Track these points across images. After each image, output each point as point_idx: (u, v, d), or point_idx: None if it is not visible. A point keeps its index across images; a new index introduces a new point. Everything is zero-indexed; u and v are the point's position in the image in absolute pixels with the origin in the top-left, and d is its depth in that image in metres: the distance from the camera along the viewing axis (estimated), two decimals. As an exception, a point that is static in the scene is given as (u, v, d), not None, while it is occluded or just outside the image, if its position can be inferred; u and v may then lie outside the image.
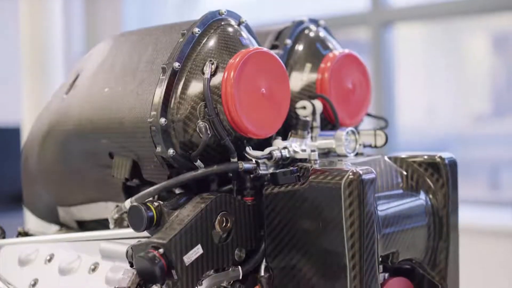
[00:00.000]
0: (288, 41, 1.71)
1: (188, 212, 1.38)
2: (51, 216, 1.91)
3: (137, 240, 1.39)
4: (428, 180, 1.59)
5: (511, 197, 3.88)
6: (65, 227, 1.91)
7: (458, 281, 1.65)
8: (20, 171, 1.95)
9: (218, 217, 1.39)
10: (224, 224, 1.40)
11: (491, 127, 4.20)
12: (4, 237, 1.85)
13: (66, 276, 1.59)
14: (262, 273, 1.46)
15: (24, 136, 2.22)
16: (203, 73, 1.44)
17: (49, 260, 1.67)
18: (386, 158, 1.58)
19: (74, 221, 1.83)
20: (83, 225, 1.83)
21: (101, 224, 1.72)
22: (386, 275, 1.54)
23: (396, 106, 4.19)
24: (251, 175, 1.46)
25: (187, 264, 1.34)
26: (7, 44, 4.42)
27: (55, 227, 1.96)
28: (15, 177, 2.08)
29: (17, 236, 1.92)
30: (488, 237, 3.56)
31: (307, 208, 1.39)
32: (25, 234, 1.93)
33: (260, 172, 1.46)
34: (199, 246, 1.36)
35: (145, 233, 1.42)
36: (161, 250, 1.32)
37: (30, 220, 2.57)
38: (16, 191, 2.19)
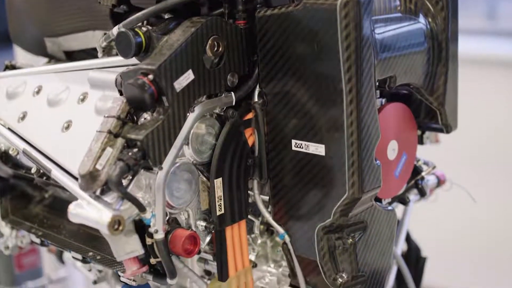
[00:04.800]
0: None
1: (177, 36, 1.32)
2: (39, 48, 1.86)
3: (126, 67, 1.34)
4: (427, 3, 1.53)
5: (508, 27, 3.82)
6: (53, 59, 1.86)
7: (457, 107, 1.62)
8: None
9: (209, 41, 1.34)
10: (215, 48, 1.35)
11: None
12: (-10, 72, 1.81)
13: (55, 108, 1.55)
14: (256, 99, 1.42)
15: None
16: None
17: (37, 92, 1.63)
18: (383, -21, 1.51)
19: (62, 52, 1.78)
20: (71, 57, 1.78)
21: (90, 54, 1.67)
22: (383, 100, 1.51)
23: None
24: (243, -2, 1.40)
25: (178, 90, 1.30)
26: None
27: (44, 61, 1.91)
28: (3, 16, 2.01)
29: (4, 70, 1.88)
30: (485, 67, 3.54)
31: (301, 30, 1.33)
32: (13, 67, 1.88)
33: (252, -6, 1.39)
34: (190, 71, 1.32)
35: (135, 61, 1.38)
36: (150, 76, 1.28)
37: (20, 58, 2.52)
38: (4, 30, 2.13)
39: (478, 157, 3.59)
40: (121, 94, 1.34)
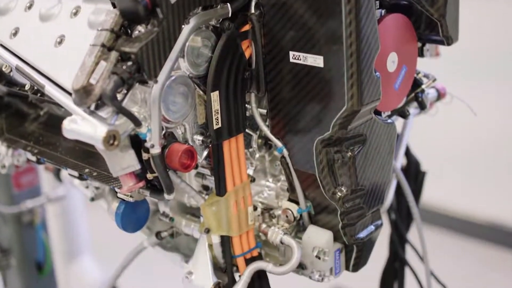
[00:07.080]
0: None
1: None
2: (29, -37, 1.81)
3: (120, -21, 1.31)
4: None
5: None
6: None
7: (458, 19, 1.58)
8: None
9: (203, -47, 1.30)
10: (210, -41, 1.31)
11: None
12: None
13: (47, 22, 1.51)
14: (253, 10, 1.39)
15: None
16: None
17: (29, 7, 1.59)
18: None
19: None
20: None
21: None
22: (383, 11, 1.47)
23: None
24: None
25: (172, 2, 1.27)
26: None
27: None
28: None
29: (-5, -14, 1.84)
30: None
31: None
32: (3, -17, 1.84)
33: None
34: (184, -19, 1.28)
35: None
36: None
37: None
38: None
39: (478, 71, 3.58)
40: (114, 6, 1.31)
